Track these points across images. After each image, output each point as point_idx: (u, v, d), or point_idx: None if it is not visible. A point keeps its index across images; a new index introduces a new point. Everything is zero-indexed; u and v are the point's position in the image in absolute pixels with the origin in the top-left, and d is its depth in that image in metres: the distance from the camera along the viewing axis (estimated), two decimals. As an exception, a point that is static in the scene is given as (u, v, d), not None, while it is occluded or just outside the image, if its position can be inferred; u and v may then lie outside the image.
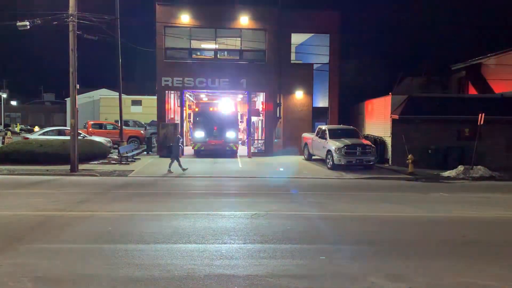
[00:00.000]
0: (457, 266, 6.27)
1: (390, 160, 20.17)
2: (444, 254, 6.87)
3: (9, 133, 28.36)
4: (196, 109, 24.05)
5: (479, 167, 17.13)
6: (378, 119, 21.83)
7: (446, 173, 17.20)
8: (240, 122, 26.35)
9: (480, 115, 17.32)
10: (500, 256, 6.87)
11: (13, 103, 70.25)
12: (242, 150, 24.11)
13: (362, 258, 6.58)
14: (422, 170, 18.01)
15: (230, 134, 22.32)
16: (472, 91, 24.43)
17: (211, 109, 23.49)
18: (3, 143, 22.63)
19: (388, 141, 20.33)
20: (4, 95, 65.45)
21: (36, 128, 43.41)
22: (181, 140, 17.98)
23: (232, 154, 22.45)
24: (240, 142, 24.68)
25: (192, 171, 16.97)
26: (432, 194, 13.08)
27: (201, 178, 15.69)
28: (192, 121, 24.14)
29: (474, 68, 25.54)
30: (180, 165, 16.78)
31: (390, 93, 20.62)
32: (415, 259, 6.56)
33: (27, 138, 21.63)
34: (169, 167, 16.69)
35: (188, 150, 23.99)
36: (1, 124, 60.71)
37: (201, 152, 22.34)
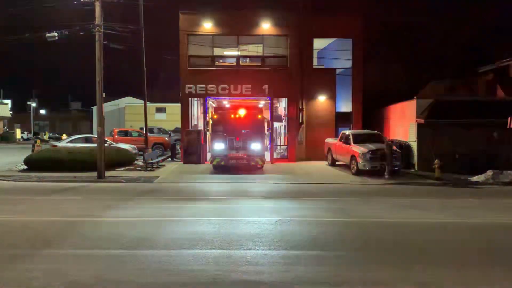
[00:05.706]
0: (491, 275, 6.07)
1: (416, 165, 19.79)
2: (475, 262, 6.68)
3: (38, 141, 29.13)
4: (215, 116, 19.77)
5: (509, 171, 16.63)
6: (403, 123, 21.48)
7: (475, 178, 16.75)
8: (267, 130, 22.61)
9: (509, 118, 16.85)
10: (535, 264, 6.62)
11: (42, 111, 72.40)
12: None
13: (390, 265, 6.45)
14: (449, 175, 17.59)
15: (255, 146, 18.88)
16: (501, 94, 23.77)
17: (232, 116, 19.49)
18: (32, 151, 23.27)
19: (414, 145, 19.97)
20: (34, 104, 67.62)
21: (64, 136, 44.63)
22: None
23: (257, 169, 19.52)
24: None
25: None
26: (460, 200, 12.76)
27: (224, 184, 15.76)
28: (210, 130, 20.24)
29: (503, 70, 24.88)
30: None
31: (415, 97, 20.26)
32: (445, 267, 6.39)
33: (56, 146, 22.22)
34: None
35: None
36: (30, 133, 62.68)
37: (221, 168, 19.02)
